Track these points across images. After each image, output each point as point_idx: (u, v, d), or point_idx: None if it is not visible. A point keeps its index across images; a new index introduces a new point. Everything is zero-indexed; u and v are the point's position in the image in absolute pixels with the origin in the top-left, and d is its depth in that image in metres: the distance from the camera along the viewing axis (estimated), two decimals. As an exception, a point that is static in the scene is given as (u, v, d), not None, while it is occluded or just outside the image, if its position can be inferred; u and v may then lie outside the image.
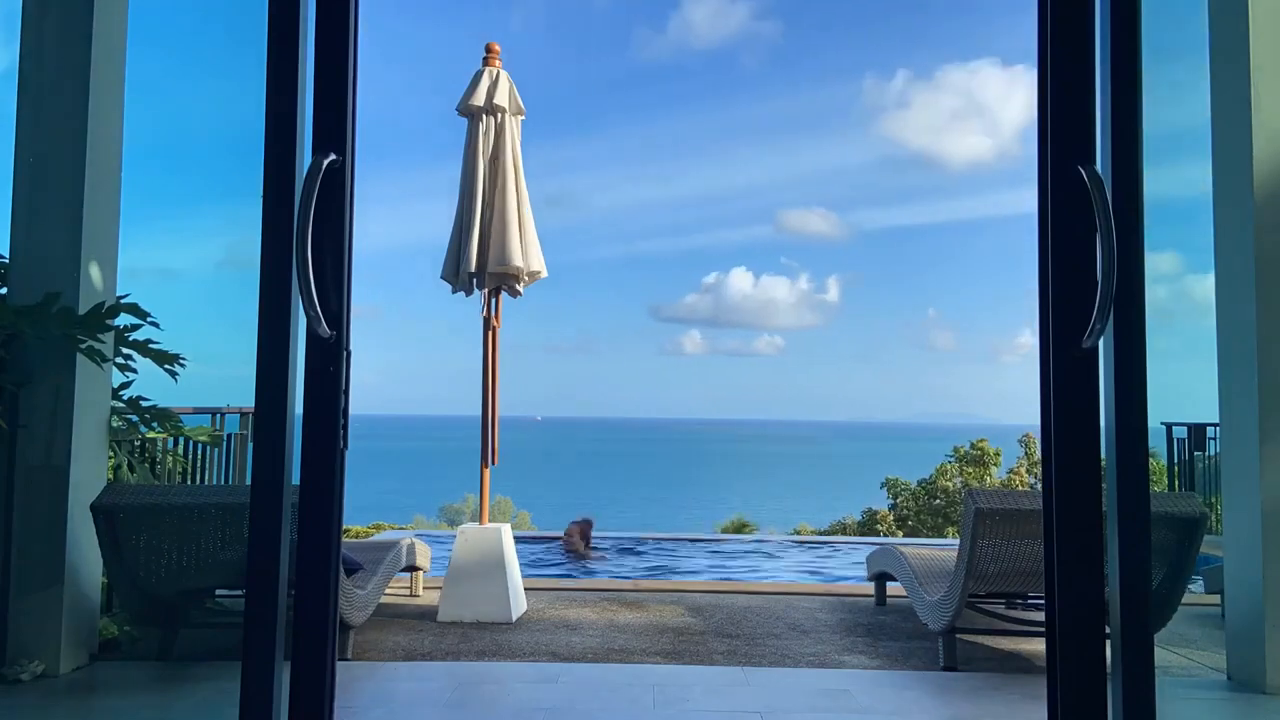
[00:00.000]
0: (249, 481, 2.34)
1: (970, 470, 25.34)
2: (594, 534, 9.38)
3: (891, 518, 25.37)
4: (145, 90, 4.37)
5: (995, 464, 25.81)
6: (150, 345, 4.32)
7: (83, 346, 3.85)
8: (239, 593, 2.37)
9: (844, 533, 23.90)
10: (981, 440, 26.14)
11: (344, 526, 2.51)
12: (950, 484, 25.42)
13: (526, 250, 5.48)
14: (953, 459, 25.90)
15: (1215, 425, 6.06)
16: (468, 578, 5.25)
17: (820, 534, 20.71)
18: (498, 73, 5.56)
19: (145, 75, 4.36)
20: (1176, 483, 6.92)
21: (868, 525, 25.39)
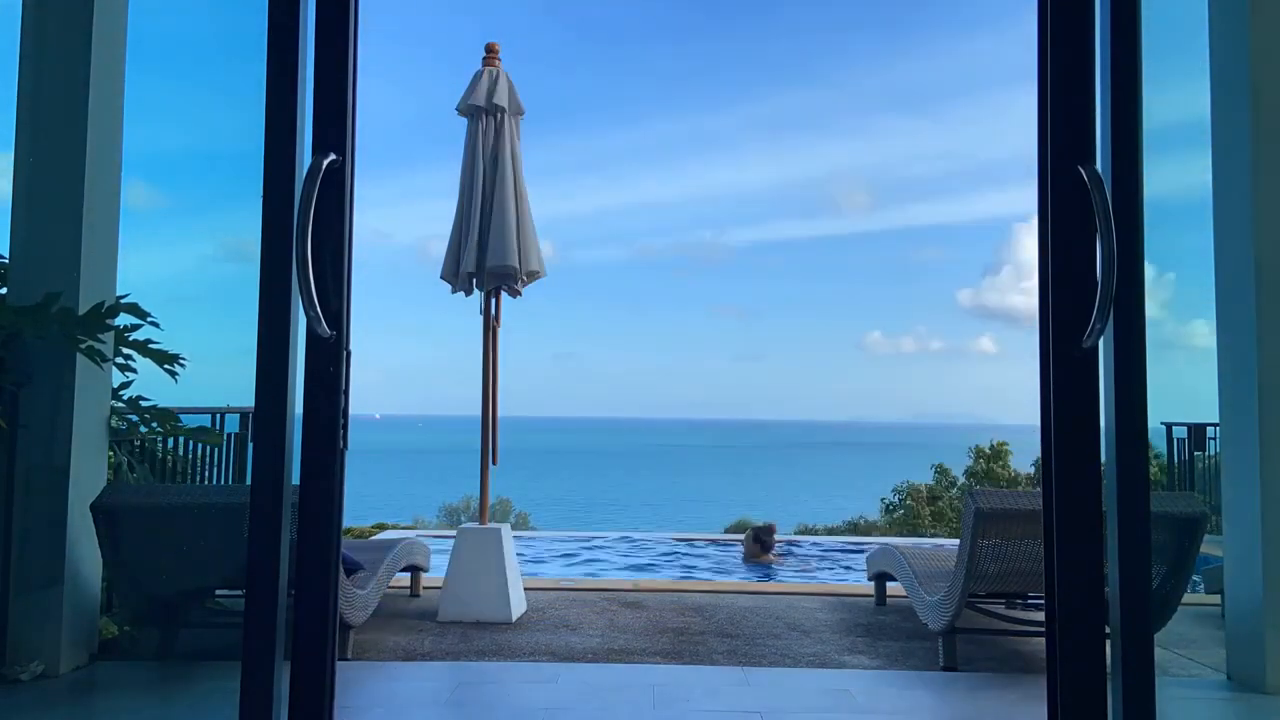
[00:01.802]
0: (249, 481, 2.34)
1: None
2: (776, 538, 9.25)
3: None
4: (145, 89, 4.37)
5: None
6: (150, 345, 4.32)
7: (83, 346, 3.85)
8: (239, 593, 2.37)
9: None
10: (1003, 443, 25.40)
11: (344, 526, 2.51)
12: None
13: (525, 250, 5.47)
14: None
15: (1215, 425, 6.06)
16: (468, 578, 5.25)
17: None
18: (497, 73, 5.56)
19: (145, 75, 4.36)
20: (1177, 483, 6.92)
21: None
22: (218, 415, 5.39)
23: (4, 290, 3.97)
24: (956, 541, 4.77)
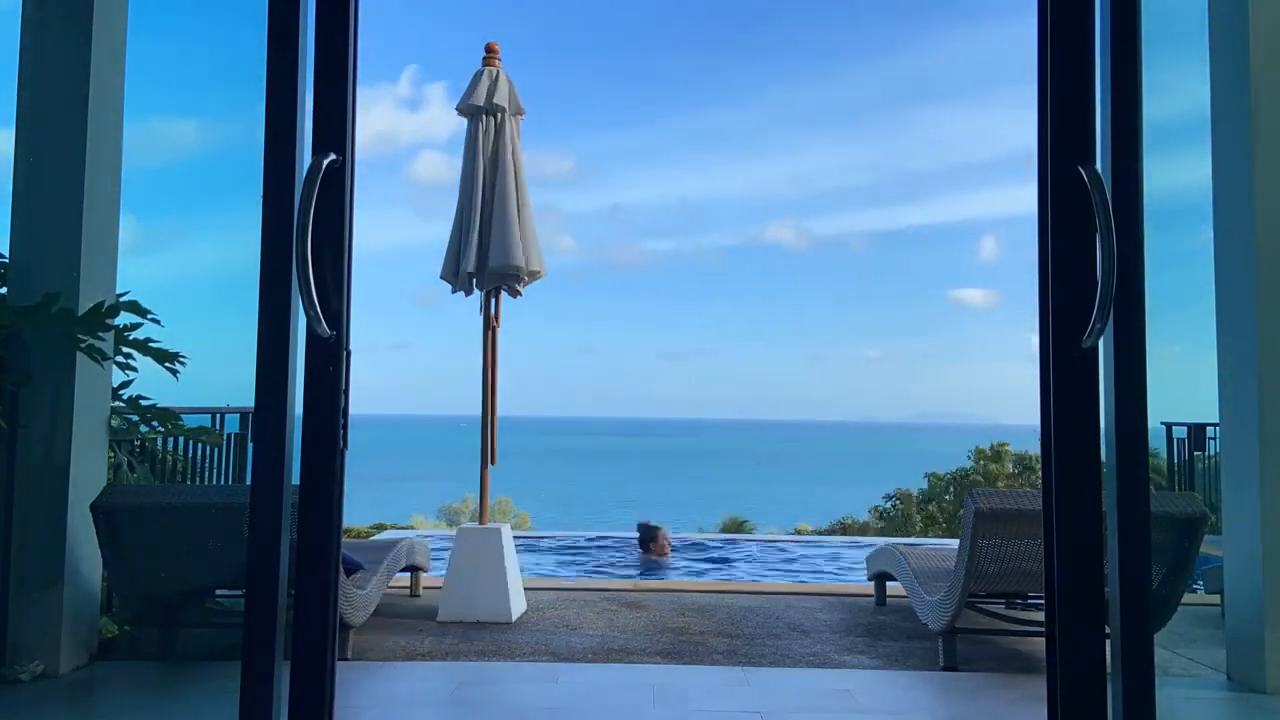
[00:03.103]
0: (249, 481, 2.34)
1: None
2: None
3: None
4: (145, 89, 4.37)
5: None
6: (150, 344, 4.32)
7: (83, 346, 3.85)
8: (239, 593, 2.37)
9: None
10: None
11: (344, 526, 2.51)
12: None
13: (526, 250, 5.48)
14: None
15: (1215, 425, 6.06)
16: (468, 578, 5.25)
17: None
18: (497, 73, 5.56)
19: (145, 74, 4.36)
20: (1177, 483, 6.92)
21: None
22: (218, 415, 5.40)
23: (4, 290, 3.97)
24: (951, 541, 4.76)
